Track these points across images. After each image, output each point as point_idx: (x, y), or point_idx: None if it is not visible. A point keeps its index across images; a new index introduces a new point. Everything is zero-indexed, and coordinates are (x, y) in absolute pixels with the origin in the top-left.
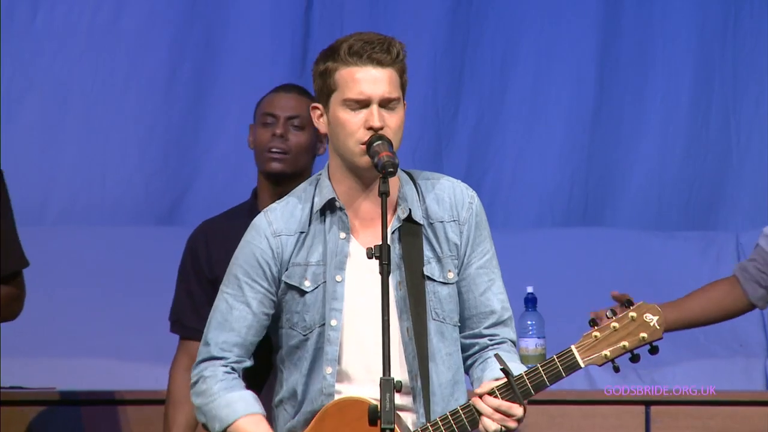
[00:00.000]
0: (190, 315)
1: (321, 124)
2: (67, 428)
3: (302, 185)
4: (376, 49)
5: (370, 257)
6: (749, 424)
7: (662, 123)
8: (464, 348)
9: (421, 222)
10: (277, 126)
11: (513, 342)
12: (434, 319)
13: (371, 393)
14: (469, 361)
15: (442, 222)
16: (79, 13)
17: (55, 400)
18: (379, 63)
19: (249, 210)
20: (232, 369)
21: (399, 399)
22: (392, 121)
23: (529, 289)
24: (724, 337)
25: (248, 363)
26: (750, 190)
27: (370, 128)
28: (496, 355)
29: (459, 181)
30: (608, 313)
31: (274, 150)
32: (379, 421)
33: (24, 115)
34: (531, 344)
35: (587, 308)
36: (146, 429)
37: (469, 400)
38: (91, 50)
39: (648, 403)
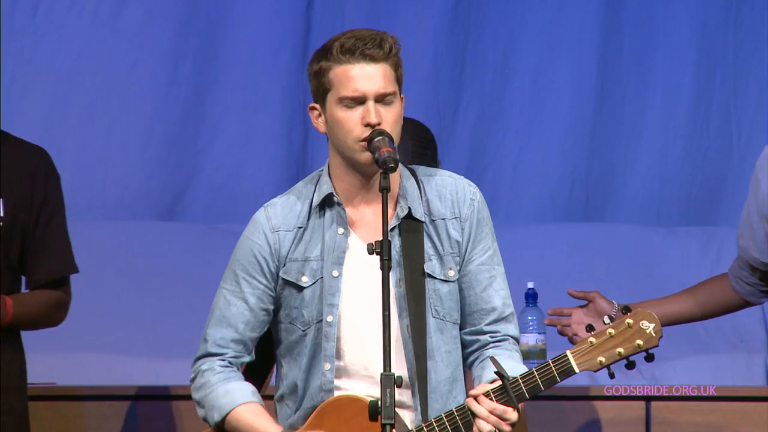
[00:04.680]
0: None
1: (319, 124)
2: (68, 424)
3: (302, 182)
4: (368, 45)
5: (371, 253)
6: (750, 420)
7: (663, 118)
8: (466, 344)
9: (423, 219)
10: None
11: (515, 338)
12: (434, 317)
13: (370, 389)
14: (470, 358)
15: (444, 219)
16: (80, 8)
17: (56, 396)
18: (372, 59)
19: None
20: (230, 363)
21: (397, 395)
22: (389, 116)
23: (530, 285)
24: (725, 332)
25: (247, 358)
26: None
27: (367, 125)
28: (492, 358)
29: (462, 177)
30: (605, 320)
31: None
32: (379, 417)
33: (25, 111)
34: (531, 339)
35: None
36: (147, 424)
37: (465, 401)
38: (92, 45)
39: (648, 399)
